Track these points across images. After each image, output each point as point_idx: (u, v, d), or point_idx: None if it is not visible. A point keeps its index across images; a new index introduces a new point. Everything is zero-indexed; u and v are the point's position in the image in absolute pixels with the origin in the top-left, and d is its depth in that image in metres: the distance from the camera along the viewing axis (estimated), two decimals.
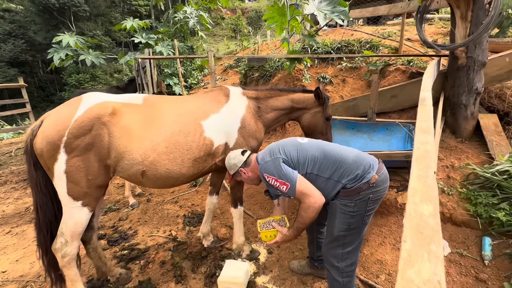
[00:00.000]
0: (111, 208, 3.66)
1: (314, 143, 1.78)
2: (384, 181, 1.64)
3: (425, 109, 0.92)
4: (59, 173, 1.71)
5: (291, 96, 2.47)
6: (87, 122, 1.70)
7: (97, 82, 25.04)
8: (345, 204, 1.64)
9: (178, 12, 6.07)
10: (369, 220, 1.70)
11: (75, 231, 1.83)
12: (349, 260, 1.74)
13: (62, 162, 1.69)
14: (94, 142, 1.72)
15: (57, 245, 1.83)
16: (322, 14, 3.29)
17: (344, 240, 1.71)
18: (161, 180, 2.00)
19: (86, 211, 1.83)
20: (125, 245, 2.83)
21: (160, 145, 1.91)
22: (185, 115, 2.07)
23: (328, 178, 1.64)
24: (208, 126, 2.10)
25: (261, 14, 36.96)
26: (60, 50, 5.18)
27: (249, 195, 3.70)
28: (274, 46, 7.09)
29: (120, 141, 1.78)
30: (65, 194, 1.75)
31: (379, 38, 5.08)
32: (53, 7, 26.50)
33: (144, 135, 1.86)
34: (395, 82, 3.82)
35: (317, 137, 2.47)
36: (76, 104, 1.77)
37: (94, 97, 1.82)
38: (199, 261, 2.54)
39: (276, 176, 1.64)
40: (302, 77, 4.41)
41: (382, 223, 2.82)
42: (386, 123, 3.24)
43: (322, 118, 2.45)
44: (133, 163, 1.85)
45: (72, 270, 1.89)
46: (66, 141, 1.66)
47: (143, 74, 5.08)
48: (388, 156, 2.52)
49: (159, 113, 1.98)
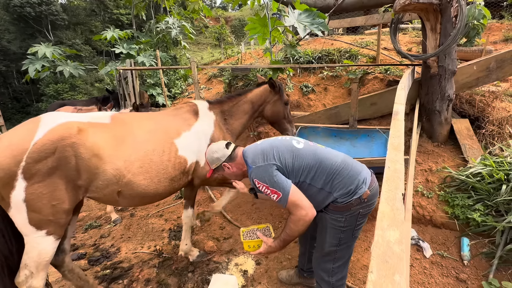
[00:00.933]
0: (92, 225, 3.51)
1: (310, 150, 1.66)
2: (375, 195, 1.61)
3: (397, 124, 0.96)
4: (17, 202, 1.54)
5: (249, 97, 2.57)
6: (49, 145, 1.56)
7: (76, 92, 24.25)
8: (336, 219, 1.60)
9: (160, 22, 6.05)
10: (358, 234, 1.67)
11: (41, 262, 1.67)
12: (340, 274, 1.73)
13: (20, 190, 1.52)
14: (59, 165, 1.59)
15: (21, 278, 1.66)
16: (302, 26, 3.39)
17: (335, 255, 1.68)
18: (137, 198, 1.96)
19: (52, 239, 1.67)
20: (107, 264, 2.71)
21: (134, 164, 1.85)
22: (157, 133, 2.03)
23: (321, 188, 1.58)
24: (182, 145, 2.10)
25: (244, 22, 37.51)
26: (35, 61, 4.98)
27: (236, 205, 3.67)
28: (257, 55, 7.20)
29: (90, 162, 1.68)
30: (26, 224, 1.58)
31: (358, 47, 5.28)
32: (29, 15, 25.60)
33: (116, 154, 1.78)
34: (374, 90, 3.97)
35: (281, 122, 2.68)
36: (34, 125, 1.61)
37: (55, 117, 1.69)
38: (186, 277, 2.47)
39: (268, 184, 1.54)
40: (286, 86, 4.49)
41: (367, 228, 2.88)
42: (367, 130, 3.34)
43: (281, 105, 2.61)
44: (108, 184, 1.77)
45: None
46: (25, 166, 1.50)
47: (125, 84, 4.99)
48: (369, 162, 2.59)
49: (129, 131, 1.91)
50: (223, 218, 3.45)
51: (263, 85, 2.63)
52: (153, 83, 5.82)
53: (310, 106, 4.23)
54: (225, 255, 2.74)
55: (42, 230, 1.62)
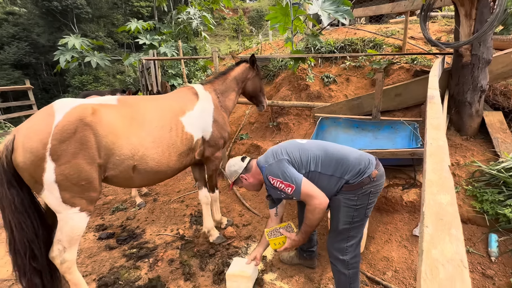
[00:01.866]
0: (119, 208, 3.71)
1: (314, 143, 1.84)
2: (382, 176, 1.75)
3: (434, 107, 0.95)
4: (49, 184, 1.65)
5: (233, 75, 2.79)
6: (69, 126, 1.66)
7: (100, 83, 25.23)
8: (349, 198, 1.70)
9: (181, 13, 6.11)
10: (369, 213, 1.78)
11: (73, 236, 1.80)
12: (353, 252, 1.80)
13: (50, 172, 1.63)
14: (81, 144, 1.69)
15: (54, 253, 1.80)
16: (326, 14, 3.31)
17: (349, 233, 1.77)
18: (151, 174, 2.08)
19: (84, 215, 1.81)
20: (134, 244, 2.87)
21: (146, 139, 1.99)
22: (163, 112, 2.19)
23: (331, 175, 1.70)
24: (187, 122, 2.29)
25: (262, 13, 36.95)
26: (66, 52, 5.24)
27: (255, 194, 3.73)
28: (277, 45, 7.11)
29: (107, 139, 1.79)
30: (60, 203, 1.71)
31: (382, 36, 5.08)
32: (56, 9, 26.70)
33: (129, 131, 1.92)
34: (399, 81, 3.83)
35: (258, 95, 2.98)
36: (50, 111, 1.71)
37: (66, 103, 1.79)
38: (207, 259, 2.57)
39: (281, 178, 1.67)
40: (306, 76, 4.43)
41: (388, 221, 2.84)
42: (391, 122, 3.26)
43: (259, 80, 2.93)
44: (124, 158, 1.89)
45: (73, 275, 1.89)
46: (51, 148, 1.61)
47: (147, 75, 5.14)
48: (393, 154, 2.54)
49: (137, 111, 2.05)
50: (242, 206, 3.52)
51: (242, 63, 2.88)
52: (174, 74, 5.94)
53: (331, 97, 4.16)
54: (244, 240, 2.82)
55: (74, 207, 1.76)
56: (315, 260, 2.39)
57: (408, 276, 2.22)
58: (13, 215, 1.70)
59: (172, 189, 4.21)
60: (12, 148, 1.62)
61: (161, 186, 4.39)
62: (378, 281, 2.18)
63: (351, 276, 1.80)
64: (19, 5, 31.39)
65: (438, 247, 0.36)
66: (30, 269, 1.77)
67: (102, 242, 2.93)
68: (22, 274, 1.77)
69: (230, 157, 4.46)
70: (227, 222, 3.06)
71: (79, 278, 1.93)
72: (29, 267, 1.77)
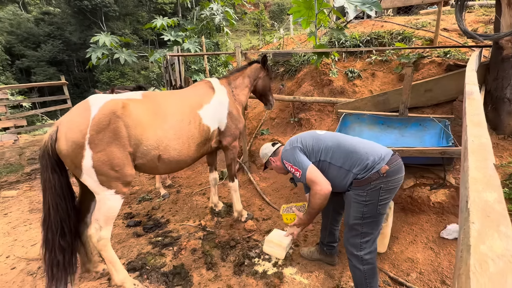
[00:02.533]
0: (144, 198, 3.90)
1: (330, 135, 1.94)
2: (397, 172, 1.71)
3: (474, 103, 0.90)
4: (87, 169, 1.86)
5: (247, 73, 2.97)
6: (104, 118, 1.87)
7: (125, 79, 26.31)
8: (358, 194, 1.74)
9: (205, 9, 6.19)
10: (384, 211, 1.76)
11: (109, 216, 2.01)
12: (368, 249, 1.81)
13: (88, 158, 1.83)
14: (114, 134, 1.89)
15: (91, 231, 2.01)
16: (353, 6, 3.21)
17: (362, 229, 1.78)
18: (174, 162, 2.30)
19: (119, 197, 2.01)
20: (159, 232, 3.02)
21: (169, 132, 2.19)
22: (183, 106, 2.38)
23: (340, 166, 1.78)
24: (204, 115, 2.48)
25: (284, 7, 36.38)
26: (97, 49, 5.54)
27: (275, 189, 3.75)
28: (299, 40, 7.00)
29: (136, 131, 1.99)
30: (98, 185, 1.91)
31: (412, 29, 4.82)
32: (86, 8, 28.11)
33: (154, 123, 2.12)
34: (429, 75, 3.63)
35: (267, 94, 3.14)
36: (87, 105, 1.92)
37: (99, 98, 1.98)
38: (228, 250, 2.65)
39: (291, 162, 1.86)
40: (329, 71, 4.33)
41: (413, 221, 2.74)
42: (419, 119, 3.11)
43: (269, 80, 3.08)
44: (151, 149, 2.10)
45: (109, 252, 2.06)
46: (89, 137, 1.82)
47: (171, 70, 5.28)
48: (421, 152, 2.44)
49: (159, 105, 2.24)
50: (262, 200, 3.56)
51: (255, 63, 3.05)
52: (196, 69, 6.06)
53: (355, 92, 4.04)
54: (265, 234, 2.85)
55: (111, 189, 1.96)
56: (335, 257, 2.38)
57: (433, 279, 2.14)
58: (52, 196, 1.92)
59: (194, 182, 4.35)
60: (56, 138, 1.83)
61: (184, 178, 4.54)
62: (401, 282, 2.13)
63: (366, 271, 1.82)
64: (53, 5, 33.39)
65: (487, 243, 0.35)
66: (57, 246, 1.96)
67: (130, 229, 3.11)
68: (48, 250, 1.95)
69: (251, 152, 4.51)
70: (247, 216, 3.12)
71: (114, 255, 2.09)
72: (58, 244, 1.96)
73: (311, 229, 2.87)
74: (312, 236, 2.80)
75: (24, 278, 2.43)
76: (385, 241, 2.43)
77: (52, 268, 1.97)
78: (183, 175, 4.67)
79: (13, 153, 5.77)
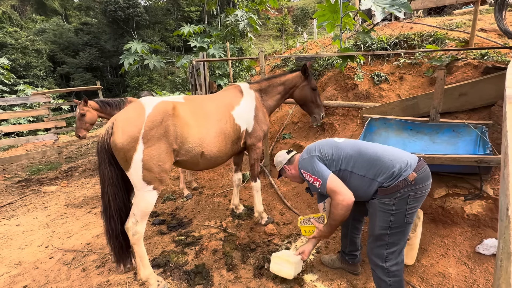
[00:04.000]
0: (169, 198, 4.05)
1: (349, 142, 1.87)
2: (425, 179, 1.64)
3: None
4: (136, 162, 1.99)
5: (283, 80, 2.99)
6: (158, 116, 2.05)
7: (153, 83, 27.62)
8: (384, 203, 1.66)
9: (230, 16, 6.36)
10: (412, 220, 1.68)
11: (145, 211, 2.12)
12: (394, 260, 1.72)
13: (140, 152, 1.98)
14: (165, 131, 2.06)
15: (129, 224, 2.12)
16: (380, 9, 3.12)
17: (388, 239, 1.71)
18: (214, 159, 2.48)
19: (155, 193, 2.13)
20: (182, 232, 3.11)
21: (211, 131, 2.39)
22: (219, 107, 2.56)
23: (363, 175, 1.70)
24: (236, 115, 2.65)
25: (307, 11, 36.20)
26: (129, 56, 5.90)
27: (296, 194, 3.72)
28: (323, 43, 6.93)
29: (183, 129, 2.18)
30: (140, 180, 2.04)
31: (445, 30, 4.58)
32: (120, 18, 30.10)
33: (197, 124, 2.31)
34: (464, 79, 3.41)
35: (309, 105, 3.04)
36: (141, 105, 2.10)
37: (151, 100, 2.17)
38: (248, 253, 2.66)
39: (310, 172, 1.80)
40: (354, 75, 4.23)
41: (445, 234, 2.57)
42: (453, 124, 2.93)
43: (309, 90, 2.97)
44: (195, 146, 2.28)
45: (140, 247, 2.16)
46: (144, 133, 1.98)
47: (197, 75, 5.47)
48: (454, 160, 2.29)
49: (200, 107, 2.45)
50: (283, 205, 3.54)
51: (296, 72, 3.01)
52: (220, 74, 6.22)
53: (382, 96, 3.91)
54: (285, 239, 2.84)
55: (150, 185, 2.08)
56: (358, 266, 2.30)
57: None
58: (110, 187, 2.10)
59: (216, 184, 4.43)
60: (112, 132, 2.00)
61: (206, 180, 4.65)
62: None
63: (392, 284, 1.73)
64: (91, 16, 36.12)
65: None
66: (121, 232, 2.17)
67: (155, 227, 3.24)
68: (113, 236, 2.17)
69: (272, 156, 4.51)
70: (268, 219, 3.12)
71: (144, 251, 2.20)
72: (120, 230, 2.17)
73: (333, 237, 2.80)
74: (334, 243, 2.73)
75: (60, 267, 2.63)
76: (413, 253, 2.31)
77: (117, 251, 2.23)
78: (205, 176, 4.78)
79: (53, 151, 6.29)
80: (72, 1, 41.13)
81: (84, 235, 3.20)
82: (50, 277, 2.50)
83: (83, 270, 2.56)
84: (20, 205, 4.24)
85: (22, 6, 37.15)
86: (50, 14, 36.90)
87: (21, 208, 4.12)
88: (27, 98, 6.27)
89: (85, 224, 3.46)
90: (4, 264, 2.73)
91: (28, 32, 25.96)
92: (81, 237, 3.15)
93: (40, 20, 33.82)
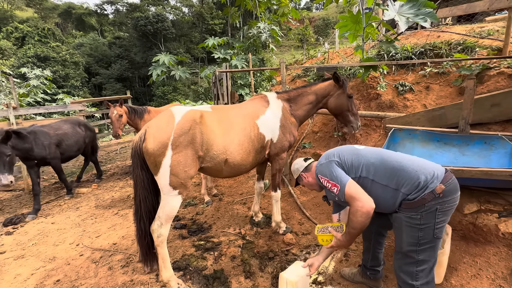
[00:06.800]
0: (190, 203, 4.17)
1: (371, 150, 1.79)
2: (453, 192, 1.56)
3: None
4: (165, 167, 2.11)
5: (314, 89, 2.90)
6: (186, 124, 2.17)
7: (177, 93, 28.80)
8: (411, 217, 1.58)
9: (252, 28, 6.58)
10: (441, 234, 1.59)
11: (169, 215, 2.22)
12: (424, 278, 1.63)
13: (168, 157, 2.10)
14: (192, 138, 2.16)
15: (155, 226, 2.23)
16: (404, 19, 3.09)
17: (418, 256, 1.61)
18: (237, 167, 2.52)
19: (180, 198, 2.23)
20: (202, 237, 3.19)
21: (235, 139, 2.44)
22: (244, 116, 2.61)
23: (385, 185, 1.62)
24: (261, 125, 2.66)
25: (329, 22, 36.20)
26: (157, 67, 6.28)
27: (316, 204, 3.67)
28: (345, 53, 6.89)
29: (209, 137, 2.27)
30: (167, 185, 2.14)
31: (475, 38, 4.39)
32: (149, 32, 32.04)
33: (222, 132, 2.38)
34: (496, 88, 3.24)
35: (345, 114, 2.85)
36: (171, 113, 2.23)
37: (180, 109, 2.29)
38: (266, 261, 2.66)
39: (328, 177, 1.73)
40: (377, 84, 4.17)
41: (477, 253, 2.41)
42: (484, 136, 2.78)
43: (345, 98, 2.81)
44: (219, 153, 2.35)
45: (164, 249, 2.26)
46: (173, 139, 2.10)
47: (219, 85, 5.67)
48: (487, 174, 2.17)
49: (226, 116, 2.51)
50: (302, 214, 3.51)
51: (329, 80, 2.90)
52: (242, 84, 6.39)
53: (407, 107, 3.80)
54: (304, 249, 2.80)
55: (176, 190, 2.19)
56: (380, 282, 2.21)
57: None
58: (142, 190, 2.23)
59: (235, 191, 4.50)
60: (144, 139, 2.13)
61: (226, 187, 4.74)
62: None
63: None
64: (124, 30, 38.82)
65: None
66: (149, 233, 2.29)
67: (176, 231, 3.35)
68: (142, 237, 2.30)
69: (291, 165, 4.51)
70: (286, 229, 3.10)
71: (166, 253, 2.29)
72: (148, 231, 2.28)
73: (354, 249, 2.72)
74: (355, 256, 2.65)
75: (89, 265, 2.79)
76: (441, 271, 2.18)
77: (144, 252, 2.35)
78: (225, 184, 4.87)
79: None
80: (107, 18, 44.64)
81: (111, 235, 3.38)
82: (80, 273, 2.66)
83: (109, 269, 2.70)
84: (55, 205, 4.57)
85: (64, 23, 40.95)
86: (88, 30, 40.26)
87: (56, 208, 4.44)
88: (66, 106, 6.84)
89: (112, 225, 3.65)
90: (40, 259, 2.96)
91: (68, 46, 28.43)
92: (109, 237, 3.33)
93: (79, 35, 37.00)
